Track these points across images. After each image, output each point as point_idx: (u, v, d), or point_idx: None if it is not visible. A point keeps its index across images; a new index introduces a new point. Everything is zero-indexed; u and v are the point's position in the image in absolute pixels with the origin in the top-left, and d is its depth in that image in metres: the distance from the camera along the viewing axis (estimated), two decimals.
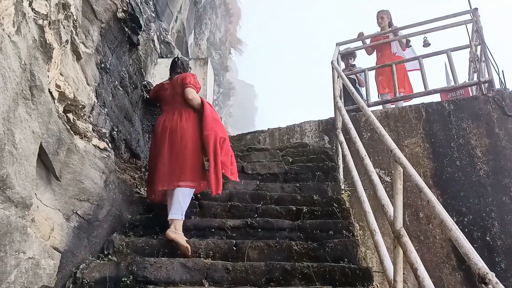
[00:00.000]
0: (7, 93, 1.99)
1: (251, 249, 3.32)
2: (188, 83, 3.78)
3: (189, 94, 3.73)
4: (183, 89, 3.77)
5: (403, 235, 2.48)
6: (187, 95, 3.73)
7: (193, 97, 3.73)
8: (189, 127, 3.66)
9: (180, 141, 3.59)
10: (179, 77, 3.91)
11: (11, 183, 2.12)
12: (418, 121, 5.19)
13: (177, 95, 3.81)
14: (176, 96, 3.82)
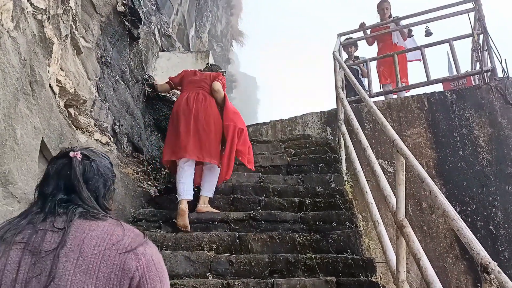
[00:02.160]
0: (7, 89, 1.99)
1: (254, 242, 3.33)
2: (219, 79, 4.06)
3: (216, 86, 3.99)
4: (212, 81, 4.04)
5: (406, 226, 2.48)
6: (214, 86, 3.99)
7: (218, 90, 3.99)
8: (212, 110, 3.90)
9: (205, 120, 3.82)
10: (213, 73, 4.19)
11: (13, 179, 2.13)
12: (421, 111, 5.16)
13: (205, 83, 4.05)
14: (203, 83, 4.06)
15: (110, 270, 1.03)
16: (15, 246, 1.03)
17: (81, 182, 1.15)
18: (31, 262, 1.02)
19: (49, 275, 0.99)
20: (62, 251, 1.02)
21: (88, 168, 1.19)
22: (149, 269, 1.08)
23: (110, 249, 1.05)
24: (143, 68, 4.61)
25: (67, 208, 1.10)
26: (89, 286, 1.00)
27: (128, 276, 1.04)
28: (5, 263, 1.01)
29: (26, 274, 1.00)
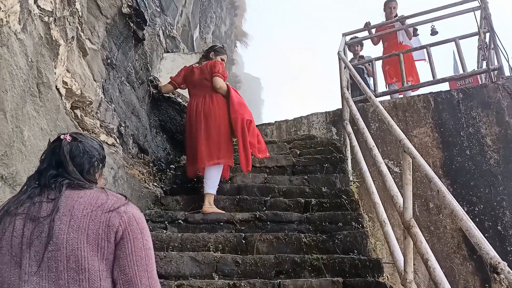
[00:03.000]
0: (14, 91, 2.00)
1: (260, 242, 3.32)
2: (216, 72, 4.02)
3: (217, 84, 3.99)
4: (211, 76, 4.03)
5: (413, 226, 2.46)
6: (215, 84, 3.99)
7: (220, 87, 4.00)
8: (220, 110, 3.98)
9: (215, 123, 3.93)
10: (208, 63, 4.15)
11: (20, 180, 2.13)
12: (427, 111, 5.14)
13: (206, 80, 4.07)
14: (204, 80, 4.08)
15: (97, 227, 1.23)
16: (18, 216, 1.26)
17: (67, 159, 1.36)
18: (32, 227, 1.24)
19: (48, 236, 1.21)
20: (57, 216, 1.23)
21: (75, 148, 1.40)
22: (130, 223, 1.28)
23: (96, 210, 1.26)
24: (148, 69, 4.62)
25: (56, 181, 1.32)
26: (82, 241, 1.21)
27: (113, 231, 1.25)
28: (12, 230, 1.24)
29: (29, 237, 1.22)
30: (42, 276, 1.19)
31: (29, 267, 1.20)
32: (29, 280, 1.18)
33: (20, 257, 1.21)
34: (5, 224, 1.26)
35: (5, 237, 1.24)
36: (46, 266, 1.19)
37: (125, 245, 1.25)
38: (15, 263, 1.21)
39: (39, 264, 1.19)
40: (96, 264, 1.21)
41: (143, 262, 1.27)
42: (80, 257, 1.20)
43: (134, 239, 1.27)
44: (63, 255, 1.20)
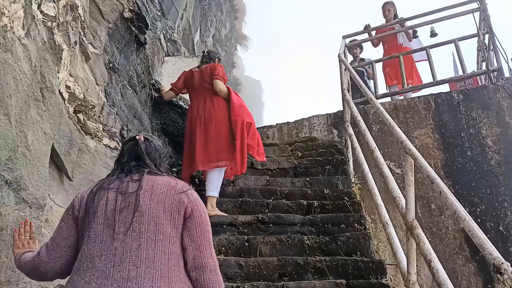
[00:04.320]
0: (18, 95, 2.01)
1: (263, 245, 3.33)
2: (216, 75, 4.08)
3: (217, 87, 4.04)
4: (211, 79, 4.08)
5: (416, 227, 2.47)
6: (215, 87, 4.04)
7: (220, 90, 4.05)
8: (221, 113, 4.01)
9: (215, 126, 3.96)
10: (208, 66, 4.21)
11: (24, 184, 2.15)
12: (428, 112, 5.15)
13: (206, 83, 4.11)
14: (205, 83, 4.12)
15: (171, 202, 1.60)
16: (111, 191, 1.63)
17: (144, 154, 1.76)
18: (122, 199, 1.60)
19: (135, 205, 1.57)
20: (141, 192, 1.60)
21: (148, 146, 1.80)
22: (196, 203, 1.65)
23: (170, 190, 1.63)
24: (150, 73, 4.64)
25: (139, 169, 1.71)
26: (159, 211, 1.57)
27: (183, 206, 1.61)
28: (106, 200, 1.61)
29: (120, 205, 1.59)
30: (127, 235, 1.52)
31: (118, 228, 1.54)
32: (117, 238, 1.52)
33: (112, 220, 1.55)
34: (100, 196, 1.62)
35: (100, 205, 1.60)
36: (132, 228, 1.53)
37: (195, 219, 1.61)
38: (107, 225, 1.55)
39: (126, 226, 1.54)
40: (168, 229, 1.56)
41: (207, 235, 1.63)
42: (158, 223, 1.55)
43: (201, 215, 1.64)
44: (145, 220, 1.55)
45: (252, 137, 4.05)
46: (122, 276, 1.45)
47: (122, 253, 1.50)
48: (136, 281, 1.44)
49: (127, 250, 1.50)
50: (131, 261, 1.48)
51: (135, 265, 1.48)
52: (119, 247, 1.51)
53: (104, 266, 1.48)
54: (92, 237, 1.55)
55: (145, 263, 1.49)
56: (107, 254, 1.50)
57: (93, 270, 1.48)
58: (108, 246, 1.51)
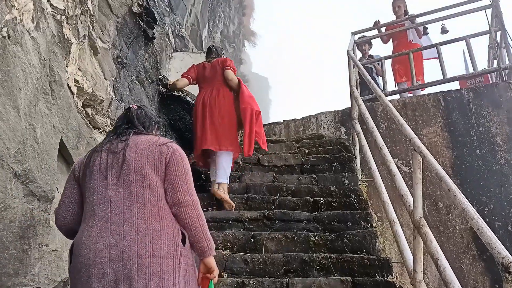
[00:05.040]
0: (28, 88, 2.02)
1: (269, 241, 3.33)
2: (228, 66, 4.32)
3: (229, 75, 4.27)
4: (223, 70, 4.31)
5: (423, 225, 2.46)
6: (227, 76, 4.27)
7: (232, 78, 4.27)
8: (226, 103, 4.22)
9: (219, 113, 4.15)
10: (220, 59, 4.46)
11: (33, 177, 2.16)
12: (437, 110, 5.11)
13: (217, 74, 4.34)
14: (216, 75, 4.35)
15: (153, 154, 1.89)
16: (103, 151, 1.94)
17: (135, 118, 2.08)
18: (112, 157, 1.90)
19: (123, 160, 1.86)
20: (127, 148, 1.90)
21: (139, 112, 2.13)
22: (174, 152, 1.92)
23: (152, 145, 1.92)
24: (158, 68, 4.64)
25: (127, 131, 2.01)
26: (143, 162, 1.86)
27: (163, 156, 1.89)
28: (99, 159, 1.90)
29: (111, 162, 1.88)
30: (119, 185, 1.82)
31: (111, 180, 1.83)
32: (111, 188, 1.81)
33: (105, 174, 1.85)
34: (95, 156, 1.93)
35: (96, 163, 1.90)
36: (122, 179, 1.82)
37: (171, 166, 1.88)
38: (102, 178, 1.85)
39: (117, 178, 1.83)
40: (153, 177, 1.84)
41: (183, 177, 1.88)
42: (144, 172, 1.83)
43: (177, 162, 1.89)
44: (132, 171, 1.83)
45: (259, 125, 4.24)
46: (119, 218, 1.74)
47: (117, 200, 1.79)
48: (131, 221, 1.73)
49: (120, 197, 1.79)
50: (125, 206, 1.77)
51: (129, 208, 1.76)
52: (113, 196, 1.80)
53: (103, 211, 1.77)
54: (91, 191, 1.85)
55: (137, 206, 1.77)
56: (104, 202, 1.79)
57: (94, 216, 1.78)
58: (104, 196, 1.81)
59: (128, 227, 1.72)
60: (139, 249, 1.68)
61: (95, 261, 1.67)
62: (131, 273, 1.65)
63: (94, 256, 1.68)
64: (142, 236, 1.71)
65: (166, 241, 1.74)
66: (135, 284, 1.64)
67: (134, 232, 1.71)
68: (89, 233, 1.74)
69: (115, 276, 1.66)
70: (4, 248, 2.04)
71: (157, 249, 1.71)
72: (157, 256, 1.70)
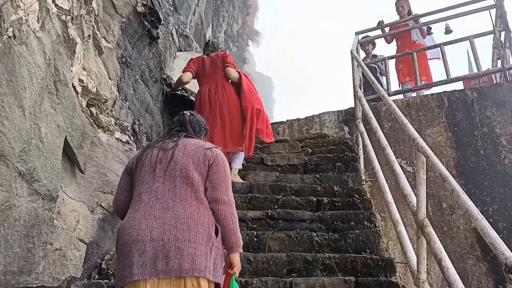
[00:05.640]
0: (33, 88, 2.04)
1: (272, 240, 3.33)
2: (228, 63, 4.36)
3: (230, 74, 4.32)
4: (223, 65, 4.35)
5: (427, 225, 2.45)
6: (228, 74, 4.33)
7: (234, 76, 4.34)
8: (232, 97, 4.29)
9: (229, 111, 4.22)
10: (219, 54, 4.48)
11: (38, 176, 2.18)
12: (441, 110, 5.10)
13: (218, 69, 4.37)
14: (217, 69, 4.38)
15: (198, 156, 2.13)
16: (155, 148, 2.20)
17: (188, 123, 2.35)
18: (162, 153, 2.16)
19: (171, 157, 2.12)
20: (176, 148, 2.15)
21: (192, 118, 2.39)
22: (217, 157, 2.15)
23: (198, 148, 2.16)
24: (162, 68, 4.65)
25: (179, 133, 2.28)
26: (189, 162, 2.10)
27: (207, 159, 2.12)
28: (151, 154, 2.17)
29: (160, 158, 2.14)
30: (165, 178, 2.07)
31: (159, 173, 2.09)
32: (158, 180, 2.07)
33: (154, 167, 2.11)
34: (147, 151, 2.20)
35: (147, 157, 2.16)
36: (168, 173, 2.08)
37: (214, 168, 2.11)
38: (152, 171, 2.10)
39: (164, 171, 2.08)
40: (196, 175, 2.07)
41: (223, 178, 2.11)
42: (188, 170, 2.07)
43: (219, 165, 2.12)
44: (178, 168, 2.08)
45: (261, 122, 4.30)
46: (162, 206, 1.98)
47: (162, 190, 2.04)
48: (173, 210, 1.97)
49: (165, 189, 2.04)
50: (169, 197, 2.02)
51: (172, 199, 2.01)
52: (160, 186, 2.05)
53: (149, 199, 2.02)
54: (140, 180, 2.11)
55: (179, 198, 2.01)
56: (150, 191, 2.04)
57: (140, 202, 2.03)
58: (151, 186, 2.06)
59: (170, 215, 1.95)
60: (177, 233, 1.90)
61: (137, 239, 1.90)
62: (169, 254, 1.86)
63: (137, 234, 1.91)
64: (181, 223, 1.93)
65: (201, 230, 1.95)
66: (171, 263, 1.85)
67: (174, 219, 1.94)
68: (134, 215, 1.99)
69: (154, 254, 1.87)
70: (8, 247, 2.05)
71: (193, 236, 1.91)
72: (192, 241, 1.90)
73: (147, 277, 1.85)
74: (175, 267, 1.85)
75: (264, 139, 4.40)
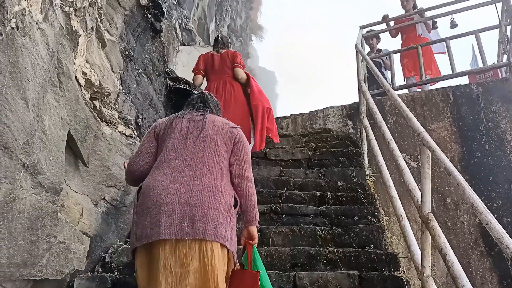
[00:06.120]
0: (36, 80, 2.02)
1: (276, 235, 3.33)
2: (237, 63, 4.37)
3: (239, 75, 4.34)
4: (232, 65, 4.37)
5: (431, 220, 2.44)
6: (237, 75, 4.34)
7: (242, 77, 4.35)
8: (239, 96, 4.31)
9: (235, 110, 4.20)
10: (229, 52, 4.49)
11: (41, 169, 2.17)
12: (445, 105, 5.06)
13: (227, 68, 4.39)
14: (226, 68, 4.40)
15: (226, 132, 2.30)
16: (184, 119, 2.34)
17: (209, 100, 2.51)
18: (192, 124, 2.30)
19: (201, 128, 2.27)
20: (206, 121, 2.31)
21: (211, 97, 2.55)
22: (242, 136, 2.34)
23: (225, 125, 2.34)
24: (165, 61, 4.64)
25: (204, 108, 2.43)
26: (218, 136, 2.26)
27: (233, 137, 2.30)
28: (181, 124, 2.30)
29: (191, 128, 2.28)
30: (195, 148, 2.20)
31: (189, 142, 2.22)
32: (188, 149, 2.20)
33: (185, 137, 2.24)
34: (176, 121, 2.33)
35: (177, 127, 2.29)
36: (198, 144, 2.22)
37: (239, 146, 2.28)
38: (182, 139, 2.24)
39: (194, 142, 2.22)
40: (223, 150, 2.23)
41: (247, 157, 2.29)
42: (216, 144, 2.23)
43: (244, 144, 2.31)
44: (208, 140, 2.23)
45: (271, 122, 4.37)
46: (191, 173, 2.11)
47: (191, 159, 2.17)
48: (200, 178, 2.10)
49: (194, 157, 2.17)
50: (197, 165, 2.15)
51: (200, 167, 2.14)
52: (189, 155, 2.18)
53: (178, 165, 2.14)
54: (170, 147, 2.22)
55: (206, 167, 2.15)
56: (180, 159, 2.17)
57: (169, 167, 2.14)
58: (181, 154, 2.18)
59: (197, 182, 2.08)
60: (203, 200, 2.03)
61: (166, 201, 2.02)
62: (195, 217, 2.00)
63: (165, 197, 2.03)
64: (207, 191, 2.06)
65: (224, 201, 2.09)
66: (196, 226, 1.99)
67: (201, 186, 2.07)
68: (163, 180, 2.09)
69: (181, 216, 2.00)
70: (12, 239, 2.05)
71: (217, 204, 2.05)
72: (216, 209, 2.04)
73: (173, 237, 1.98)
74: (200, 230, 1.98)
75: (273, 138, 4.45)
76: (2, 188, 1.85)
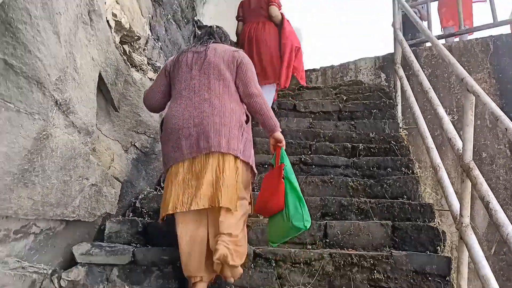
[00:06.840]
0: (68, 14, 1.96)
1: (306, 185, 3.28)
2: (273, 2, 4.34)
3: (273, 12, 4.31)
4: (268, 5, 4.35)
5: (473, 168, 2.33)
6: (271, 12, 4.31)
7: (276, 15, 4.32)
8: (270, 37, 4.29)
9: (265, 48, 4.24)
10: None
11: (74, 108, 2.15)
12: (485, 55, 4.80)
13: (262, 9, 4.39)
14: (261, 10, 4.40)
15: (228, 57, 2.43)
16: (189, 52, 2.50)
17: (215, 33, 2.65)
18: (196, 56, 2.45)
19: (204, 57, 2.42)
20: (208, 50, 2.44)
21: (218, 30, 2.70)
22: (243, 57, 2.47)
23: (227, 51, 2.46)
24: (194, 8, 4.50)
25: (208, 40, 2.58)
26: (220, 62, 2.40)
27: (235, 60, 2.43)
28: (186, 57, 2.47)
29: (195, 59, 2.44)
30: (201, 76, 2.38)
31: (194, 72, 2.39)
32: (194, 78, 2.38)
33: (191, 68, 2.41)
34: (182, 55, 2.50)
35: (183, 60, 2.46)
36: (203, 71, 2.38)
37: (242, 67, 2.42)
38: (188, 71, 2.41)
39: (199, 71, 2.39)
40: (227, 73, 2.39)
41: (251, 75, 2.43)
42: (220, 69, 2.38)
43: (246, 64, 2.44)
44: (211, 67, 2.38)
45: (299, 61, 4.32)
46: (200, 98, 2.31)
47: (199, 86, 2.35)
48: (209, 100, 2.30)
49: (201, 84, 2.35)
50: (205, 90, 2.33)
51: (208, 92, 2.33)
52: (196, 83, 2.36)
53: (188, 94, 2.35)
54: (179, 80, 2.42)
55: (214, 91, 2.33)
56: (189, 88, 2.36)
57: (181, 97, 2.36)
58: (189, 83, 2.38)
59: (207, 104, 2.28)
60: (215, 119, 2.25)
61: (183, 126, 2.27)
62: (209, 134, 2.22)
63: (182, 122, 2.27)
64: (217, 111, 2.26)
65: (234, 117, 2.30)
66: (211, 141, 2.21)
67: (211, 108, 2.27)
68: (177, 108, 2.32)
69: (197, 136, 2.24)
70: (46, 177, 2.05)
71: (227, 121, 2.26)
72: (227, 125, 2.26)
73: (195, 155, 2.24)
74: (215, 143, 2.21)
75: (298, 79, 4.40)
76: (36, 124, 1.83)
